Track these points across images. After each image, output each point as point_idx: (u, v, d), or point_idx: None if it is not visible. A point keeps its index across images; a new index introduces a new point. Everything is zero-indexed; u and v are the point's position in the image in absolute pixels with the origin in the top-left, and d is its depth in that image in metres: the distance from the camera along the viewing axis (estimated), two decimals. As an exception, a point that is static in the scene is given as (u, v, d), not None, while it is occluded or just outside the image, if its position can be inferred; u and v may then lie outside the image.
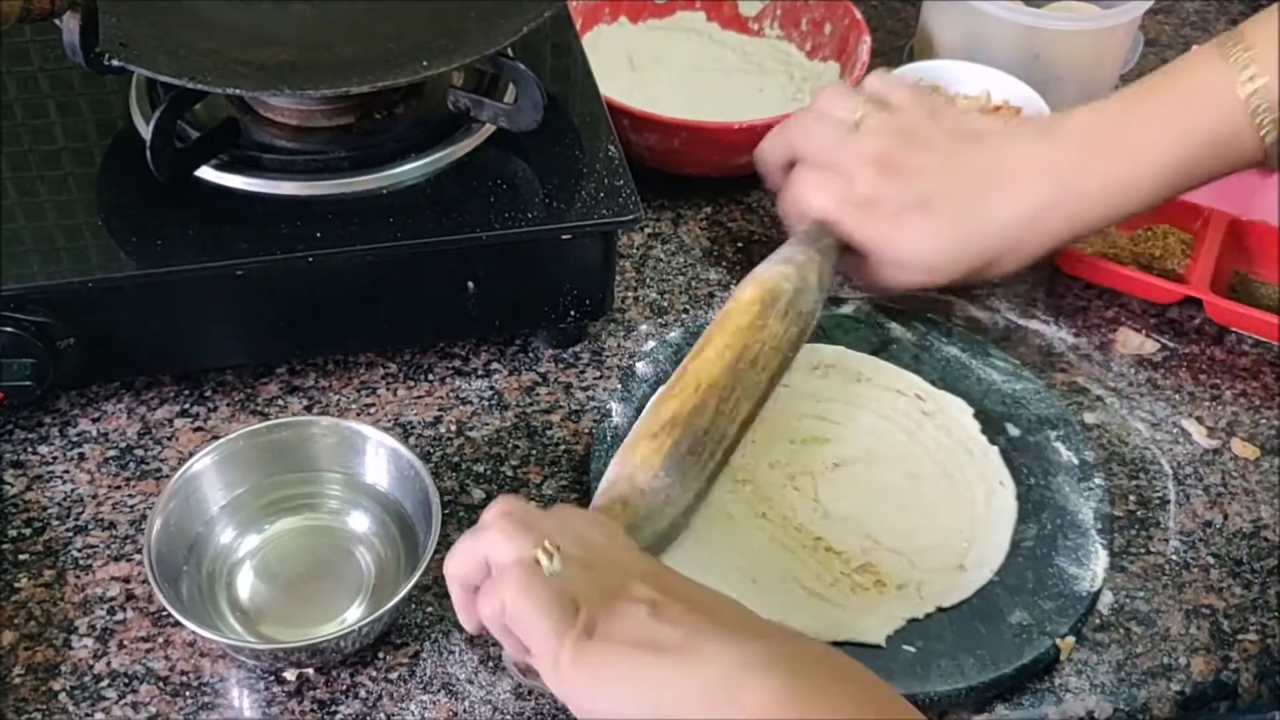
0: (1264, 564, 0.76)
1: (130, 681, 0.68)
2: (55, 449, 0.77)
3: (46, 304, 0.72)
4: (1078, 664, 0.71)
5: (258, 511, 0.72)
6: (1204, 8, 1.18)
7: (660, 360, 0.81)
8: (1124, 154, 0.77)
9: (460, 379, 0.83)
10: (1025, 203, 0.77)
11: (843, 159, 0.79)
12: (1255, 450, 0.82)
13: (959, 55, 1.00)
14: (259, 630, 0.69)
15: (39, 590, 0.71)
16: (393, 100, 0.81)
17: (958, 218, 0.77)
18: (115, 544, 0.73)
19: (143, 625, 0.70)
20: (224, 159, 0.77)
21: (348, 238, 0.75)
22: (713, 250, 0.92)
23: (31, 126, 0.81)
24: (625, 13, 1.05)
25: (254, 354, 0.81)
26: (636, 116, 0.90)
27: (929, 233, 0.77)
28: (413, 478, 0.71)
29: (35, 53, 0.86)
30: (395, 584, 0.69)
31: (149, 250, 0.74)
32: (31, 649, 0.68)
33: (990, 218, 0.77)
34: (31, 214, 0.75)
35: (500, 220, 0.77)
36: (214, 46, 0.75)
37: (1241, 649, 0.72)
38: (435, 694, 0.68)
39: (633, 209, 0.78)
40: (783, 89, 1.01)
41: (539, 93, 0.77)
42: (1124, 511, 0.78)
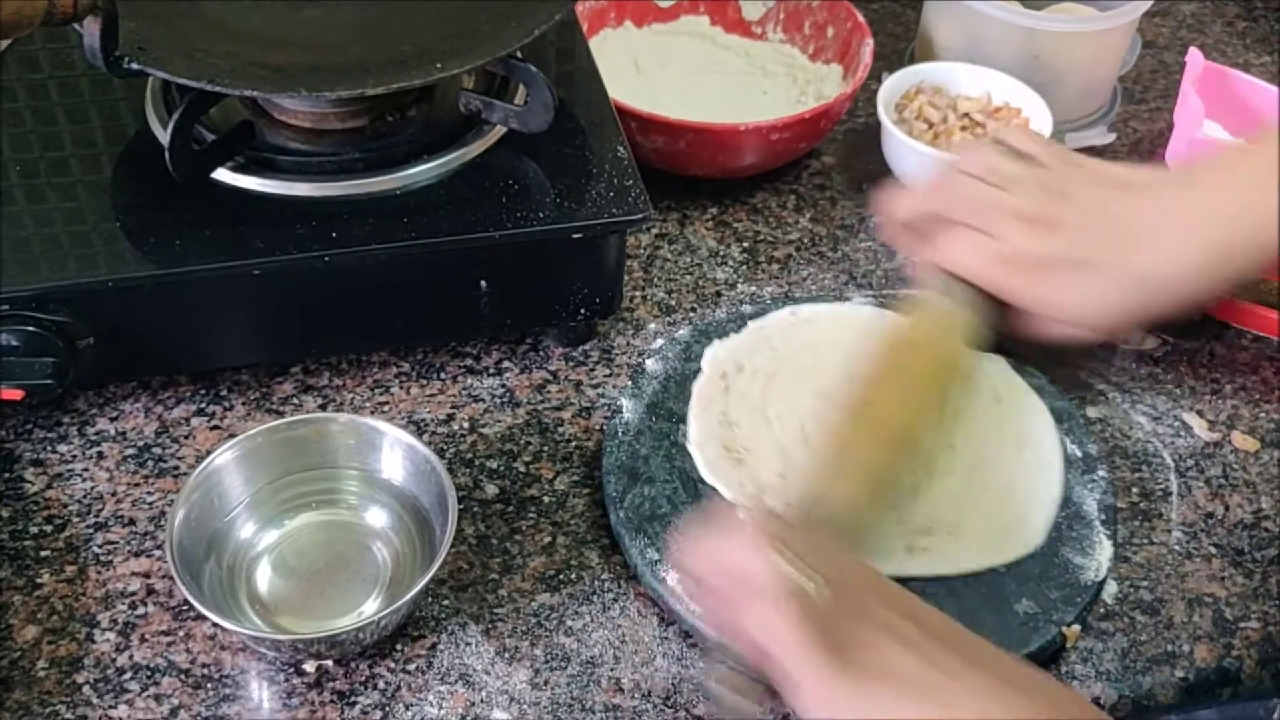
0: (1265, 553, 0.77)
1: (152, 674, 0.69)
2: (74, 448, 0.78)
3: (67, 304, 0.73)
4: (1083, 652, 0.72)
5: (277, 507, 0.74)
6: (1200, 10, 1.20)
7: (669, 357, 0.82)
8: (1263, 189, 0.74)
9: (472, 377, 0.84)
10: (1185, 255, 0.74)
11: (991, 218, 0.76)
12: (1255, 443, 0.83)
13: (959, 57, 1.02)
14: (278, 623, 0.70)
15: (61, 586, 0.72)
16: (405, 102, 0.82)
17: (1119, 271, 0.75)
18: (135, 540, 0.74)
19: (164, 619, 0.71)
20: (240, 161, 0.79)
21: (362, 238, 0.76)
22: (719, 250, 0.93)
23: (46, 131, 0.82)
24: (630, 17, 1.06)
25: (269, 353, 0.82)
26: (643, 118, 0.91)
27: (1092, 289, 0.75)
28: (429, 473, 0.72)
29: (46, 60, 0.87)
30: (411, 577, 0.71)
31: (166, 251, 0.75)
32: (55, 643, 0.69)
33: (1153, 269, 0.74)
34: (50, 216, 0.76)
35: (512, 220, 0.78)
36: (230, 50, 0.76)
37: (1244, 637, 0.73)
38: (452, 684, 0.69)
39: (642, 208, 0.79)
40: (786, 91, 1.03)
41: (549, 94, 0.78)
42: (1127, 503, 0.79)
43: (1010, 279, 0.76)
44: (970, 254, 0.76)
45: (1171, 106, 1.02)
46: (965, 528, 0.74)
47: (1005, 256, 0.75)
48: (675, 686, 0.70)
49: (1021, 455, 0.78)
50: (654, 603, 0.73)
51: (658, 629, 0.72)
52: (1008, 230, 0.75)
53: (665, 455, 0.77)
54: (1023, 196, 0.76)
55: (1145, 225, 0.75)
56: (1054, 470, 0.77)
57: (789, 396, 0.79)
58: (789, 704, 0.58)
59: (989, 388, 0.82)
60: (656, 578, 0.72)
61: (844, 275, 0.92)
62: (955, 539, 0.73)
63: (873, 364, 0.73)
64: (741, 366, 0.81)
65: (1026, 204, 0.76)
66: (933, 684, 0.56)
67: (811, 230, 0.95)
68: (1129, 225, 0.75)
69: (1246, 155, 0.77)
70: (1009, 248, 0.75)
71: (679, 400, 0.80)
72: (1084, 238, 0.75)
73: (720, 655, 0.61)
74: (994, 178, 0.77)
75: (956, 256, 0.77)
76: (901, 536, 0.73)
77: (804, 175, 1.00)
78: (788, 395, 0.80)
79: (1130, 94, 1.09)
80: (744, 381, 0.80)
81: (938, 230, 0.78)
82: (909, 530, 0.74)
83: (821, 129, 0.97)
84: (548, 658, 0.70)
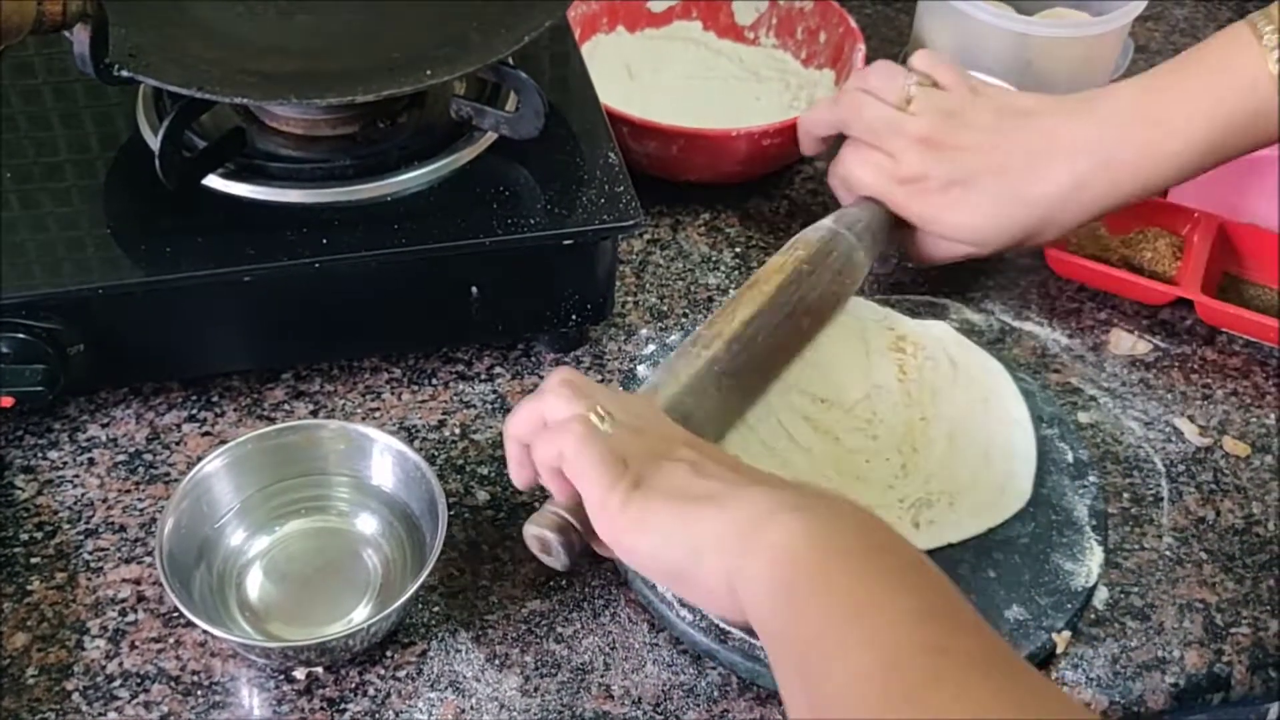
0: (1255, 559, 0.77)
1: (142, 681, 0.69)
2: (65, 454, 0.78)
3: (57, 311, 0.73)
4: (1074, 658, 0.72)
5: (267, 513, 0.74)
6: (1193, 14, 1.20)
7: (661, 363, 0.82)
8: (1160, 129, 0.79)
9: (464, 383, 0.84)
10: (1066, 176, 0.80)
11: (891, 138, 0.82)
12: (1246, 448, 0.83)
13: (952, 62, 1.02)
14: (268, 630, 0.70)
15: (51, 592, 0.72)
16: (396, 109, 0.82)
17: (1001, 192, 0.81)
18: (125, 546, 0.74)
19: (154, 626, 0.71)
20: (230, 168, 0.79)
21: (353, 244, 0.76)
22: (711, 256, 0.93)
23: (38, 137, 0.82)
24: (623, 22, 1.06)
25: (260, 359, 0.82)
26: (635, 124, 0.91)
27: (974, 207, 0.81)
28: (419, 480, 0.72)
29: (41, 66, 0.87)
30: (402, 584, 0.71)
31: (157, 258, 0.75)
32: (44, 650, 0.69)
33: (1033, 191, 0.81)
34: (41, 223, 0.76)
35: (503, 226, 0.78)
36: (221, 57, 0.76)
37: (1234, 642, 0.73)
38: (442, 691, 0.69)
39: (633, 214, 0.79)
40: (779, 96, 1.03)
41: (540, 100, 0.78)
42: (1118, 509, 0.79)
43: (905, 198, 0.83)
44: (869, 172, 0.83)
45: (1164, 111, 1.02)
46: (960, 494, 0.76)
47: (901, 176, 0.82)
48: (666, 693, 0.70)
49: (990, 414, 0.80)
50: (644, 609, 0.73)
51: (648, 635, 0.72)
52: (904, 151, 0.82)
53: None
54: (924, 120, 0.82)
55: (1033, 149, 0.81)
56: (1024, 423, 0.80)
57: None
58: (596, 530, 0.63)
59: (943, 353, 0.83)
60: (647, 584, 0.72)
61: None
62: (953, 507, 0.75)
63: (764, 286, 0.78)
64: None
65: (926, 127, 0.82)
66: (716, 492, 0.61)
67: (804, 235, 0.95)
68: (1016, 149, 0.81)
69: (1140, 96, 0.81)
70: (904, 168, 0.82)
71: (670, 406, 0.80)
72: (974, 160, 0.81)
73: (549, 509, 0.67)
74: (896, 99, 0.83)
75: (857, 173, 0.84)
76: (905, 514, 0.74)
77: (796, 181, 1.00)
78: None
79: (1123, 99, 1.09)
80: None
81: (844, 145, 0.86)
82: (910, 507, 0.75)
83: (814, 134, 0.97)
84: (538, 664, 0.70)
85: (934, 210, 0.82)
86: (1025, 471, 0.77)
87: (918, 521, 0.74)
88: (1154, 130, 0.79)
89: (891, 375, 0.81)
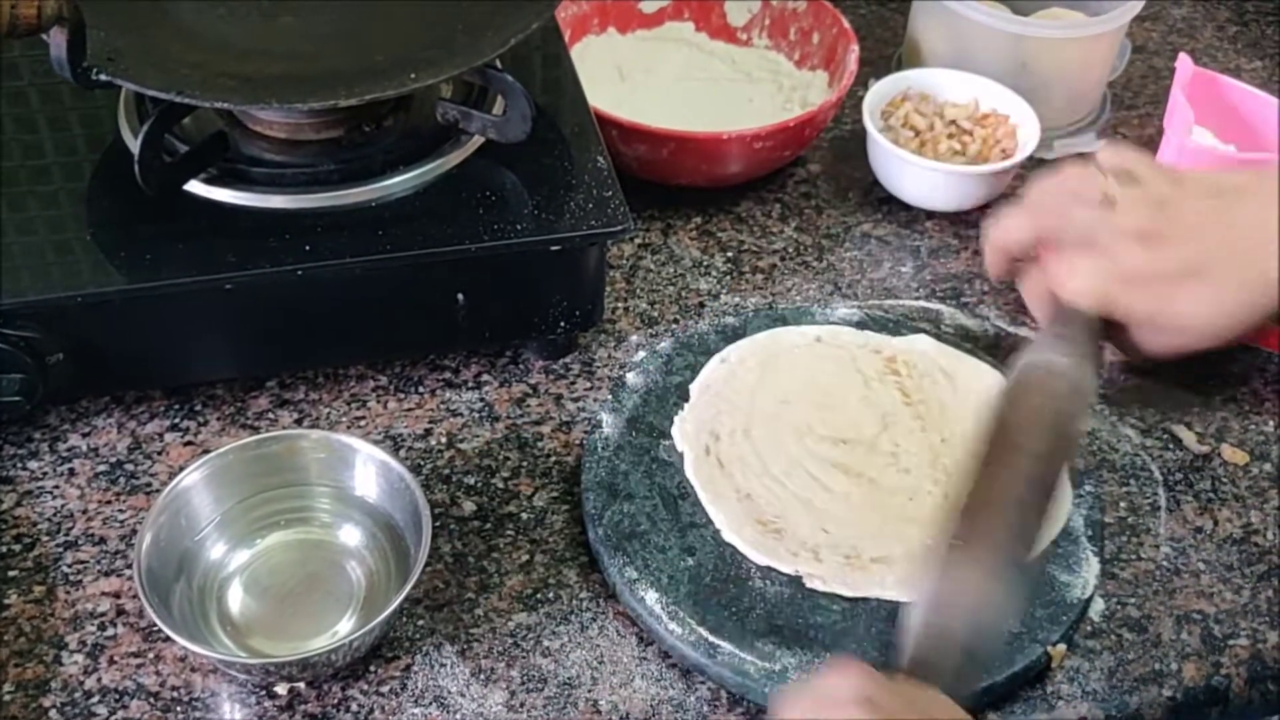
0: (1254, 569, 0.76)
1: (121, 697, 0.67)
2: (45, 464, 0.77)
3: (35, 319, 0.72)
4: (1069, 671, 0.71)
5: (248, 526, 0.72)
6: (1191, 14, 1.19)
7: (651, 370, 0.81)
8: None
9: (450, 391, 0.83)
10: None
11: (1102, 238, 0.75)
12: (1245, 456, 0.82)
13: (947, 63, 1.01)
14: (250, 644, 0.69)
15: (29, 606, 0.71)
16: (381, 113, 0.81)
17: (1235, 275, 0.74)
18: (106, 559, 0.73)
19: (133, 641, 0.70)
20: (213, 173, 0.77)
21: (337, 251, 0.75)
22: (703, 260, 0.92)
23: (20, 141, 0.81)
24: (614, 23, 1.05)
25: (244, 367, 0.81)
26: (625, 127, 0.90)
27: (1209, 296, 0.74)
28: (403, 490, 0.71)
29: (26, 67, 0.86)
30: (386, 597, 0.69)
31: (138, 265, 0.74)
32: (21, 666, 0.68)
33: (1267, 269, 0.73)
34: (20, 229, 0.75)
35: (489, 232, 0.77)
36: (201, 60, 0.75)
37: (1232, 654, 0.72)
38: (427, 706, 0.68)
39: (622, 220, 0.78)
40: (771, 98, 1.02)
41: (527, 104, 0.77)
42: (1115, 518, 0.78)
43: (1128, 295, 0.74)
44: (1085, 276, 0.75)
45: (1161, 112, 1.01)
46: None
47: (1121, 274, 0.74)
48: (654, 708, 0.68)
49: None
50: (633, 622, 0.71)
51: (636, 649, 0.71)
52: (1120, 248, 0.74)
53: (645, 471, 0.76)
54: (1132, 214, 0.75)
55: (1254, 227, 0.74)
56: None
57: (777, 446, 0.78)
58: None
59: (935, 367, 0.82)
60: (635, 596, 0.70)
61: (829, 285, 0.91)
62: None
63: (982, 447, 0.70)
64: (718, 435, 0.78)
65: (1137, 220, 0.75)
66: None
67: (796, 240, 0.94)
68: (1243, 229, 0.74)
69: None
70: (1124, 265, 0.74)
71: (659, 415, 0.79)
72: (1199, 246, 0.74)
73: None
74: (1101, 198, 0.76)
75: (1071, 280, 0.75)
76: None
77: (789, 184, 0.98)
78: (775, 446, 0.78)
79: (1120, 100, 1.08)
80: (730, 449, 0.78)
81: (1044, 257, 0.77)
82: None
83: (806, 137, 0.96)
84: (524, 679, 0.69)
85: (1165, 305, 0.74)
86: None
87: None
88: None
89: (897, 400, 0.80)
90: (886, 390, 0.80)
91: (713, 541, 0.73)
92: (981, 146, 0.96)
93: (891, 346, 0.83)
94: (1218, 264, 0.74)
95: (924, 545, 0.69)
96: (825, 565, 0.72)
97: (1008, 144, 0.96)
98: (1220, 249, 0.74)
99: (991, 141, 0.96)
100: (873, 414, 0.79)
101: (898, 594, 0.70)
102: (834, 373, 0.81)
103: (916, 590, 0.65)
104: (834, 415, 0.79)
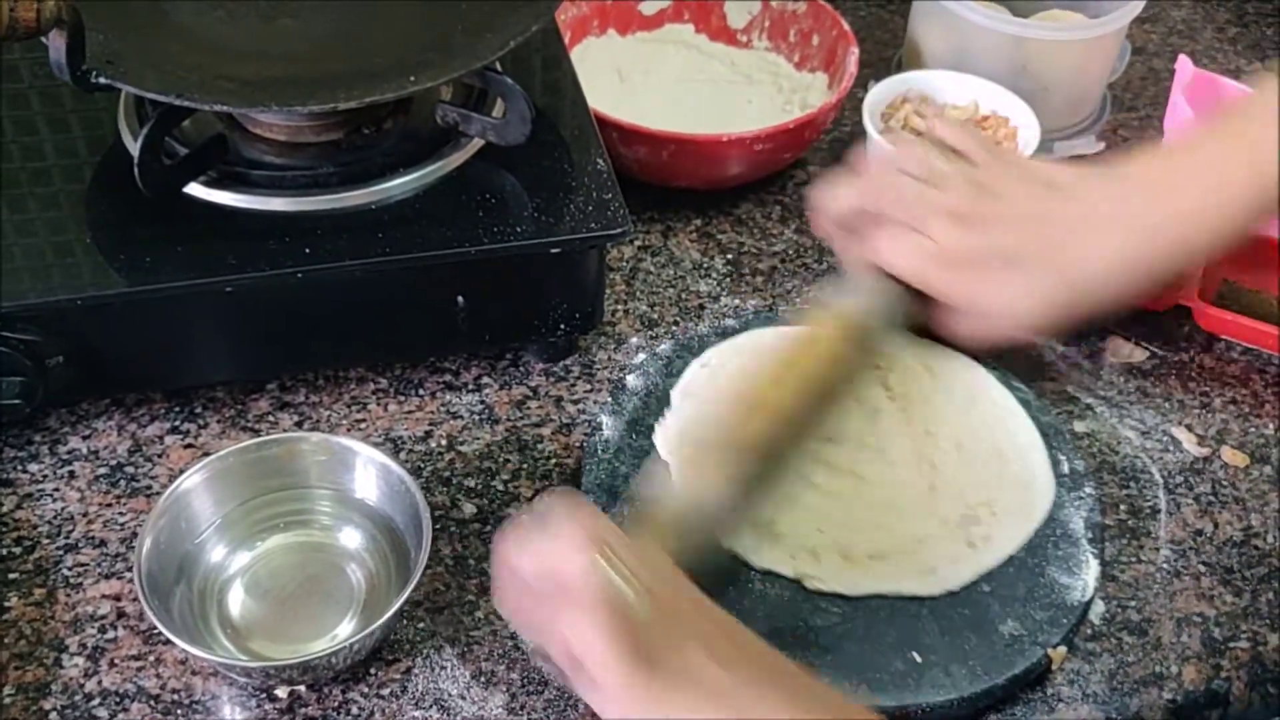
0: (1255, 571, 0.76)
1: (121, 700, 0.67)
2: (45, 467, 0.77)
3: (35, 322, 0.72)
4: (1069, 673, 0.71)
5: (248, 528, 0.72)
6: (1191, 16, 1.19)
7: (651, 373, 0.81)
8: (1193, 194, 0.75)
9: (451, 393, 0.83)
10: (1108, 257, 0.75)
11: (921, 215, 0.76)
12: (1245, 458, 0.82)
13: (947, 65, 1.01)
14: (250, 647, 0.69)
15: (29, 609, 0.71)
16: (381, 115, 0.81)
17: (1048, 271, 0.75)
18: (106, 562, 0.73)
19: (134, 644, 0.70)
20: (212, 175, 0.77)
21: (337, 253, 0.75)
22: (702, 262, 0.92)
23: (20, 143, 0.81)
24: (614, 25, 1.05)
25: (244, 370, 0.81)
26: (625, 129, 0.90)
27: (1021, 287, 0.75)
28: (403, 493, 0.71)
29: (26, 69, 0.86)
30: (386, 600, 0.69)
31: (138, 267, 0.74)
32: (22, 668, 0.68)
33: (1081, 269, 0.75)
34: (20, 231, 0.75)
35: (489, 235, 0.77)
36: (201, 62, 0.75)
37: (1233, 657, 0.72)
38: (427, 710, 0.68)
39: (621, 222, 0.78)
40: (771, 100, 1.02)
41: (526, 106, 0.77)
42: (1115, 520, 0.78)
43: (941, 277, 0.76)
44: (902, 252, 0.77)
45: (1162, 114, 1.01)
46: (995, 499, 0.75)
47: (936, 254, 0.76)
48: (654, 711, 0.68)
49: (982, 411, 0.80)
50: (633, 625, 0.71)
51: (637, 652, 0.71)
52: (939, 228, 0.76)
53: (645, 474, 0.76)
54: (954, 194, 0.77)
55: (1072, 226, 0.75)
56: (1016, 410, 0.80)
57: None
58: (589, 703, 0.58)
59: (914, 360, 0.82)
60: (635, 599, 0.70)
61: (829, 287, 0.91)
62: (995, 515, 0.74)
63: (771, 364, 0.74)
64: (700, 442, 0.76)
65: (958, 201, 0.76)
66: (729, 690, 0.57)
67: (797, 241, 0.94)
68: (1057, 225, 0.76)
69: (1171, 159, 0.78)
70: (940, 245, 0.76)
71: (659, 418, 0.79)
72: (1013, 236, 0.76)
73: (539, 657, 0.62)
74: (926, 174, 0.78)
75: (889, 254, 0.77)
76: (956, 535, 0.73)
77: (789, 185, 0.98)
78: None
79: (1120, 101, 1.08)
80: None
81: (870, 227, 0.78)
82: (956, 527, 0.73)
83: (806, 139, 0.96)
84: (525, 682, 0.69)
85: (976, 291, 0.76)
86: (1039, 457, 0.77)
87: (972, 542, 0.72)
88: (1187, 196, 0.75)
89: (880, 394, 0.80)
90: (869, 386, 0.81)
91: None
92: (981, 148, 0.96)
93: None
94: (1031, 257, 0.75)
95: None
96: (824, 565, 0.72)
97: (1008, 146, 0.96)
98: (1031, 241, 0.75)
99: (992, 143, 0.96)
100: (857, 410, 0.79)
101: (897, 589, 0.71)
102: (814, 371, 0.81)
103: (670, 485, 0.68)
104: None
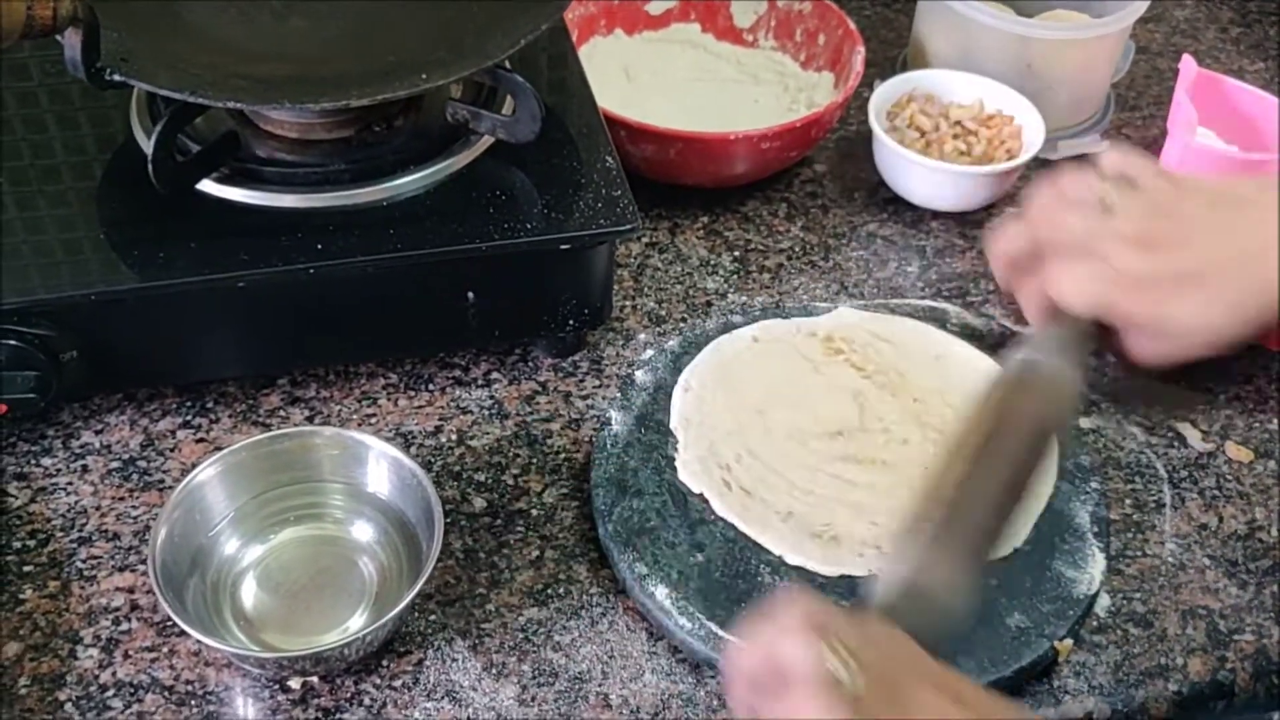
0: (1259, 565, 0.77)
1: (136, 691, 0.68)
2: (59, 461, 0.78)
3: (49, 317, 0.73)
4: (1076, 666, 0.71)
5: (261, 521, 0.73)
6: (1194, 16, 1.19)
7: (659, 369, 0.82)
8: None
9: (460, 388, 0.83)
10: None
11: (1100, 244, 0.74)
12: (1249, 453, 0.82)
13: (952, 65, 1.01)
14: (263, 639, 0.69)
15: (44, 601, 0.71)
16: (392, 113, 0.82)
17: (1237, 287, 0.74)
18: (119, 555, 0.74)
19: (147, 635, 0.70)
20: (225, 172, 0.78)
21: (348, 249, 0.76)
22: (710, 259, 0.93)
23: (32, 141, 0.81)
24: (621, 25, 1.05)
25: (255, 365, 0.82)
26: (633, 127, 0.91)
27: (1208, 304, 0.73)
28: (415, 487, 0.71)
29: (35, 68, 0.86)
30: (398, 592, 0.70)
31: (151, 263, 0.74)
32: (37, 660, 0.69)
33: (1269, 281, 0.73)
34: (33, 228, 0.76)
35: (499, 231, 0.77)
36: (213, 60, 0.75)
37: (1238, 649, 0.73)
38: (439, 701, 0.68)
39: (630, 219, 0.78)
40: (778, 99, 1.02)
41: (537, 104, 0.78)
42: (1120, 515, 0.79)
43: (1124, 299, 0.74)
44: (1081, 279, 0.74)
45: (1165, 114, 1.01)
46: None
47: (1116, 278, 0.73)
48: (664, 702, 0.69)
49: (952, 365, 0.82)
50: (643, 617, 0.72)
51: (646, 644, 0.71)
52: (1118, 253, 0.73)
53: (654, 468, 0.77)
54: (1130, 219, 0.74)
55: (1260, 237, 0.73)
56: (976, 357, 0.82)
57: (786, 458, 0.78)
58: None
59: (868, 335, 0.84)
60: (645, 592, 0.71)
61: (835, 284, 0.91)
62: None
63: (968, 439, 0.69)
64: (727, 466, 0.77)
65: (1135, 226, 0.74)
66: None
67: (803, 239, 0.95)
68: (1242, 237, 0.74)
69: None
70: (1121, 269, 0.73)
71: (668, 412, 0.79)
72: (1198, 252, 0.74)
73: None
74: (1096, 202, 0.75)
75: (1068, 284, 0.74)
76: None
77: (795, 184, 0.99)
78: (784, 458, 0.78)
79: (1124, 101, 1.09)
80: (746, 475, 0.77)
81: (1044, 263, 0.76)
82: None
83: (813, 138, 0.97)
84: (535, 673, 0.70)
85: (1164, 310, 0.73)
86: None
87: None
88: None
89: (854, 376, 0.81)
90: (840, 369, 0.82)
91: (721, 538, 0.74)
92: (986, 147, 0.96)
93: (819, 325, 0.85)
94: (1216, 271, 0.73)
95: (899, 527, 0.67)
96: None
97: (1012, 144, 0.97)
98: (1219, 256, 0.74)
99: (996, 142, 0.97)
100: (843, 398, 0.80)
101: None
102: (784, 368, 0.82)
103: (888, 570, 0.64)
104: (811, 410, 0.80)
